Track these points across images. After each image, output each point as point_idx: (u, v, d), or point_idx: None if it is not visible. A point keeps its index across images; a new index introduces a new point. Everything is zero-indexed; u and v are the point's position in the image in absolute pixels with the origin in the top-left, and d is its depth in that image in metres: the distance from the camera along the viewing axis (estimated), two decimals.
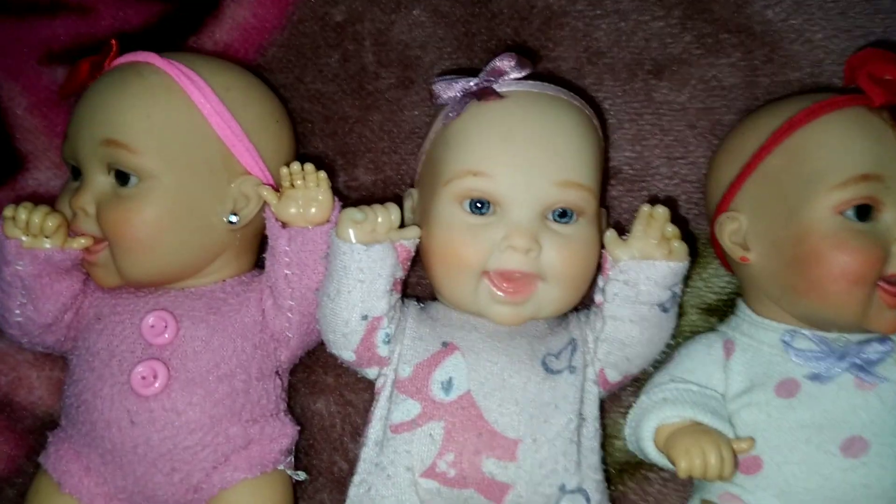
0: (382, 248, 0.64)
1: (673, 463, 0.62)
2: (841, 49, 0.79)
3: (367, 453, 0.66)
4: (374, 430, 0.66)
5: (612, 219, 0.77)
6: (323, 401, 0.77)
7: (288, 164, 0.68)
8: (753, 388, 0.65)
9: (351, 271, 0.63)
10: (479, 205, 0.64)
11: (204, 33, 0.84)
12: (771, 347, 0.65)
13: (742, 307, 0.70)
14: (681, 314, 0.76)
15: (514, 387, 0.64)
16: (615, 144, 0.79)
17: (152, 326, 0.66)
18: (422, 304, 0.70)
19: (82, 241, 0.67)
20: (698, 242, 0.76)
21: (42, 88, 0.84)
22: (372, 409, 0.67)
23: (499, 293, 0.64)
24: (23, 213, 0.66)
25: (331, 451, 0.76)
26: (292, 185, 0.68)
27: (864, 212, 0.62)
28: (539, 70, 0.80)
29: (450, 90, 0.66)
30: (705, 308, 0.76)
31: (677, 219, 0.67)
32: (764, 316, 0.67)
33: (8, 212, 0.66)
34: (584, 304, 0.70)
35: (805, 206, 0.63)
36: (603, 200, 0.74)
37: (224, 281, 0.71)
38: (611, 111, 0.80)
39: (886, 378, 0.63)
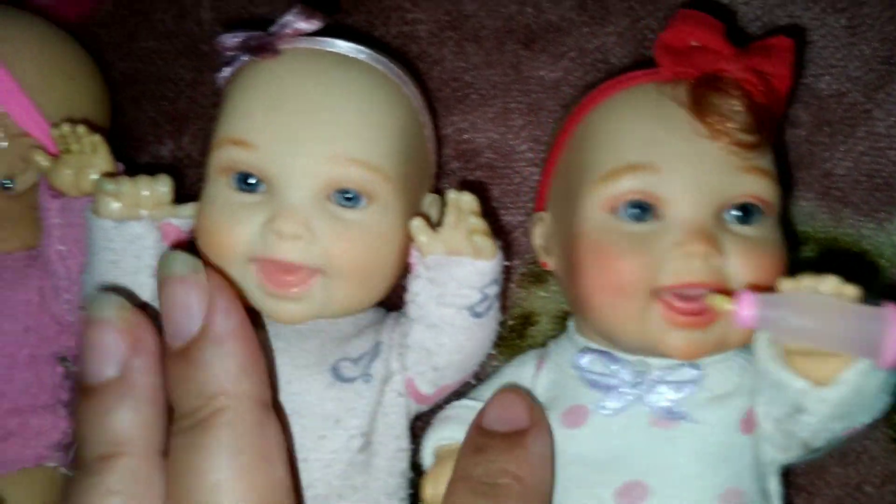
0: (140, 226, 0.55)
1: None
2: (749, 19, 0.67)
3: None
4: None
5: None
6: None
7: (112, 134, 0.60)
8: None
9: (101, 250, 0.55)
10: (248, 181, 0.54)
11: None
12: (572, 368, 0.54)
13: (570, 320, 0.59)
14: (532, 322, 0.66)
15: (290, 394, 0.55)
16: (476, 124, 0.69)
17: None
18: None
19: None
20: None
21: None
22: None
23: (269, 286, 0.54)
24: None
25: None
26: (69, 151, 0.60)
27: (640, 210, 0.51)
28: (393, 34, 0.70)
29: (230, 45, 0.57)
30: (561, 316, 0.65)
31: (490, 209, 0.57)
32: (577, 331, 0.57)
33: None
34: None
35: (578, 204, 0.52)
36: (436, 187, 0.64)
37: (11, 253, 0.64)
38: (473, 85, 0.69)
39: (689, 417, 0.50)
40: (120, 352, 0.49)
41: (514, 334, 0.66)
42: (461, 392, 0.61)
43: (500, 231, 0.67)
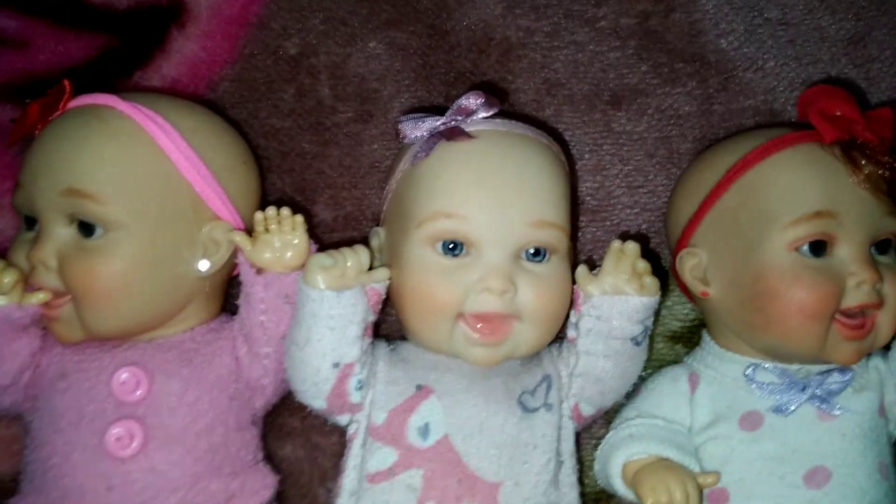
0: (353, 294, 0.62)
1: (640, 499, 0.63)
2: (791, 76, 0.81)
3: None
4: (349, 479, 0.64)
5: (576, 249, 0.77)
6: (290, 445, 0.74)
7: (263, 209, 0.66)
8: (718, 422, 0.66)
9: (321, 319, 0.61)
10: (451, 246, 0.63)
11: (150, 67, 0.80)
12: (734, 381, 0.67)
13: (706, 339, 0.71)
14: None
15: (492, 428, 0.63)
16: (577, 175, 0.79)
17: (123, 383, 0.63)
18: (391, 345, 0.69)
19: (41, 296, 0.63)
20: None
21: None
22: (345, 457, 0.65)
23: (475, 335, 0.63)
24: None
25: (299, 498, 0.73)
26: (266, 230, 0.65)
27: (818, 248, 0.63)
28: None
29: (417, 129, 0.65)
30: (670, 336, 0.77)
31: (648, 253, 0.67)
32: (727, 349, 0.69)
33: None
34: (555, 338, 0.69)
35: (761, 243, 0.64)
36: (574, 236, 0.74)
37: (193, 329, 0.68)
38: (571, 142, 0.80)
39: (847, 408, 0.64)
40: None
41: None
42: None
43: None
